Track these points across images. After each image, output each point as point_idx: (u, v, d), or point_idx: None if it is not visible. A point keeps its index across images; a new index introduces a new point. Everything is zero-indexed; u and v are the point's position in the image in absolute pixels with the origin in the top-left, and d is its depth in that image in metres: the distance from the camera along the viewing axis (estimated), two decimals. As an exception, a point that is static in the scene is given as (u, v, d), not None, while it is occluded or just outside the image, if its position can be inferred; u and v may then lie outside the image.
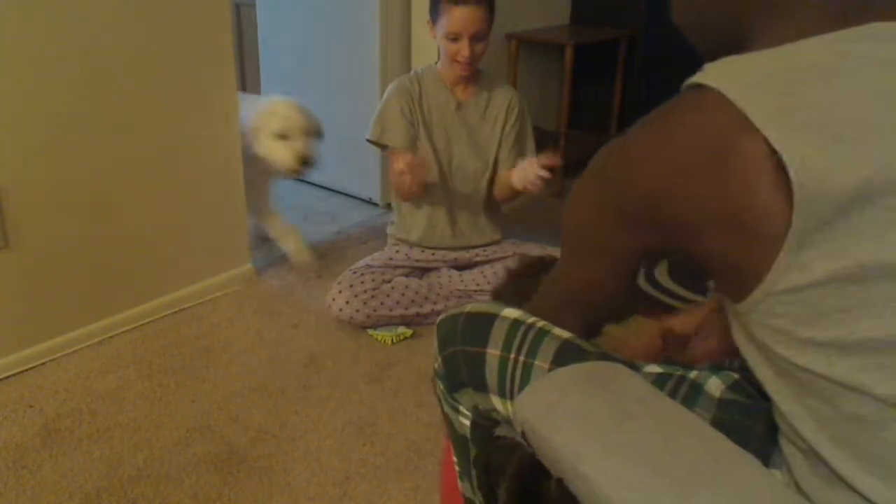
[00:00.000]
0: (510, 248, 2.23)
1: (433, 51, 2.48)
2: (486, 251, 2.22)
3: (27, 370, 1.81)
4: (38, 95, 1.68)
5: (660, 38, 3.16)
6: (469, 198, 2.18)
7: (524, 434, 0.82)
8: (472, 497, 0.99)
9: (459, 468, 1.00)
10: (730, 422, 0.79)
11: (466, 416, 0.93)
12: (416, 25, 2.72)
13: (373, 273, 2.08)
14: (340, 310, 2.00)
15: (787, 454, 0.74)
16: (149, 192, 1.96)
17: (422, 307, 2.05)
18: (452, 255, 2.20)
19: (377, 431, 1.64)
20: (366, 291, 2.01)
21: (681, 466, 0.70)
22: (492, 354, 0.86)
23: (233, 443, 1.59)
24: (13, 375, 1.79)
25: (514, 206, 2.28)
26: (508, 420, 0.86)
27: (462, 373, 0.90)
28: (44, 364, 1.84)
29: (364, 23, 2.68)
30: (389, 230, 2.30)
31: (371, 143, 2.15)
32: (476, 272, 2.18)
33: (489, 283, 2.11)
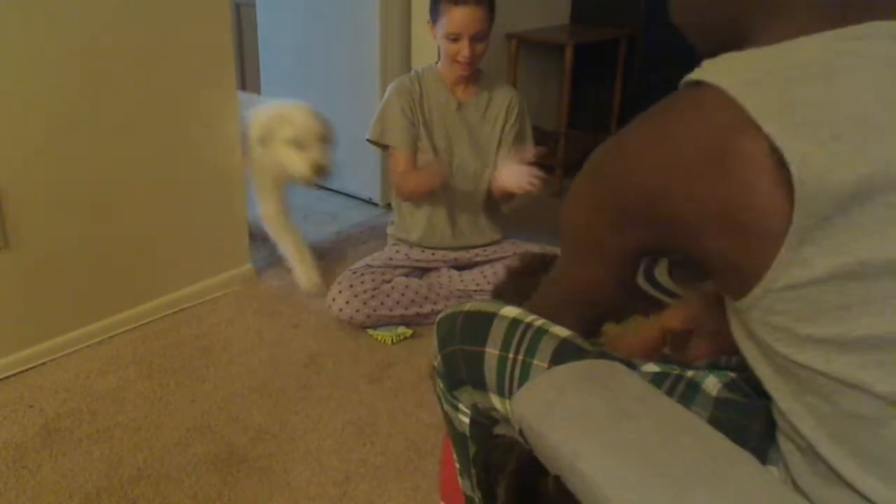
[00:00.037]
0: (510, 248, 2.22)
1: (433, 51, 2.48)
2: (486, 251, 2.22)
3: (27, 370, 1.81)
4: (38, 95, 1.68)
5: (660, 38, 3.16)
6: (469, 198, 2.18)
7: (522, 432, 0.82)
8: (472, 495, 0.99)
9: (459, 466, 1.01)
10: (727, 420, 0.79)
11: (465, 414, 0.94)
12: (416, 25, 2.72)
13: (373, 273, 2.08)
14: (340, 310, 2.00)
15: (785, 452, 0.74)
16: (149, 192, 1.96)
17: (422, 307, 2.05)
18: (452, 255, 2.20)
19: (377, 431, 1.64)
20: (366, 291, 2.01)
21: (679, 465, 0.70)
22: (490, 353, 0.86)
23: (233, 443, 1.59)
24: (13, 375, 1.79)
25: (514, 206, 2.28)
26: (507, 418, 0.86)
27: (461, 371, 0.90)
28: (44, 364, 1.84)
29: (364, 23, 2.68)
30: (389, 230, 2.30)
31: (371, 144, 2.15)
32: (476, 272, 2.18)
33: (489, 283, 2.10)
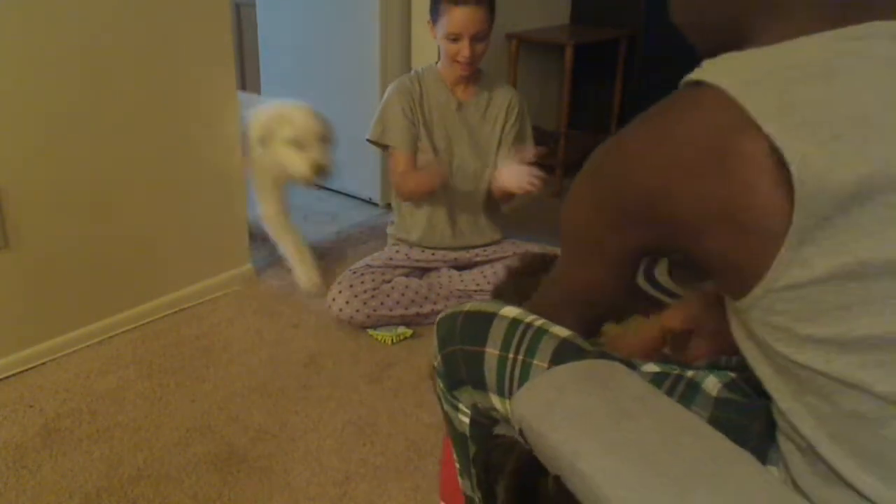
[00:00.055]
0: (510, 249, 2.22)
1: (433, 51, 2.48)
2: (486, 251, 2.22)
3: (27, 370, 1.81)
4: (38, 95, 1.68)
5: (660, 38, 3.16)
6: (469, 198, 2.18)
7: (522, 432, 0.82)
8: (472, 495, 0.99)
9: (459, 466, 1.01)
10: (727, 420, 0.79)
11: (465, 414, 0.94)
12: (416, 25, 2.72)
13: (373, 273, 2.08)
14: (340, 310, 2.00)
15: (785, 451, 0.74)
16: (149, 192, 1.96)
17: (422, 307, 2.05)
18: (452, 255, 2.20)
19: (377, 431, 1.64)
20: (366, 291, 2.01)
21: (678, 465, 0.70)
22: (490, 354, 0.86)
23: (233, 443, 1.59)
24: (13, 375, 1.79)
25: (514, 206, 2.28)
26: (507, 418, 0.86)
27: (461, 371, 0.90)
28: (44, 364, 1.84)
29: (364, 23, 2.68)
30: (389, 230, 2.30)
31: (372, 144, 2.15)
32: (476, 272, 2.18)
33: (489, 283, 2.10)
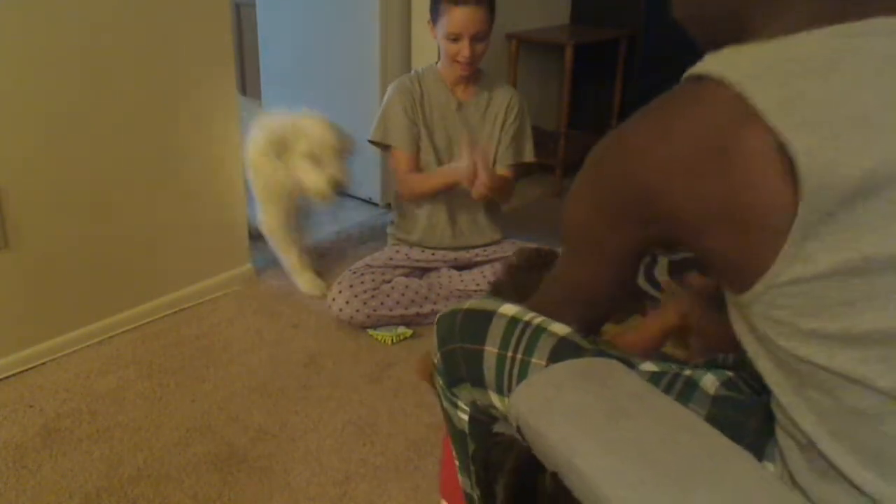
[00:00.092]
0: (510, 248, 2.22)
1: (433, 51, 2.48)
2: (486, 251, 2.22)
3: (27, 370, 1.81)
4: (38, 95, 1.69)
5: (660, 38, 3.16)
6: (469, 198, 2.17)
7: (519, 429, 0.82)
8: (472, 492, 0.99)
9: (458, 463, 1.01)
10: (724, 418, 0.79)
11: (465, 412, 0.94)
12: (416, 25, 2.72)
13: (373, 273, 2.07)
14: (340, 310, 2.00)
15: (784, 447, 0.74)
16: (149, 192, 1.96)
17: (422, 307, 2.05)
18: (452, 255, 2.20)
19: (377, 431, 1.64)
20: (366, 291, 2.01)
21: (676, 463, 0.70)
22: (489, 352, 0.86)
23: (233, 443, 1.59)
24: (13, 375, 1.79)
25: (505, 200, 2.25)
26: (506, 416, 0.86)
27: (461, 369, 0.90)
28: (44, 364, 1.84)
29: (364, 23, 2.68)
30: (389, 230, 2.30)
31: (373, 144, 2.15)
32: (476, 272, 2.18)
33: (489, 284, 2.10)
